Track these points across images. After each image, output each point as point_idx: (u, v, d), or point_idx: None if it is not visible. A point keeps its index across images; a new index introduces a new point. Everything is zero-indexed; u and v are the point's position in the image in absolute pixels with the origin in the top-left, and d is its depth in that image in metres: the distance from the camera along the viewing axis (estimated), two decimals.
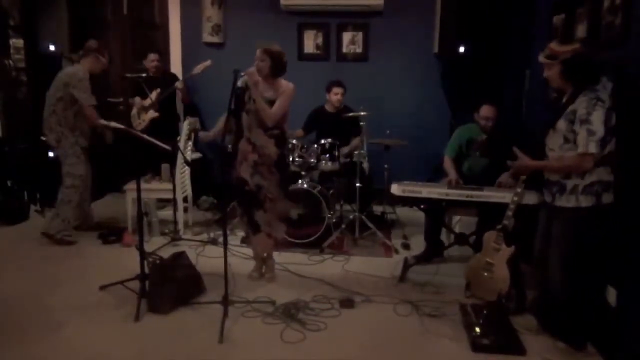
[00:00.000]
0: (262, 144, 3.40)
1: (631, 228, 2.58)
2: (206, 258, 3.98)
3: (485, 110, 3.87)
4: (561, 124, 2.60)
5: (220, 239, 3.51)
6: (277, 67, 3.35)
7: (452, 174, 3.91)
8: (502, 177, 3.61)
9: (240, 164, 3.47)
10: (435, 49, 5.15)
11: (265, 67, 3.31)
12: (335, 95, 4.78)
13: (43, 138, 4.29)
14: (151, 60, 5.10)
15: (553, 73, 2.64)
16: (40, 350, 2.72)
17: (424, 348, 2.81)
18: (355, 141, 4.71)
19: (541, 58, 2.67)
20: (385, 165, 4.60)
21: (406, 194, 3.44)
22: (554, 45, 2.63)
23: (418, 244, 4.20)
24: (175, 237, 4.39)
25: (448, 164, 4.01)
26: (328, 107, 4.90)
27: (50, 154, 4.69)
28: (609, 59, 2.83)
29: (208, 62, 4.55)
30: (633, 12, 2.68)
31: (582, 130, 2.49)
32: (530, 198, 3.11)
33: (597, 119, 2.46)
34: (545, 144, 2.76)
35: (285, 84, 3.41)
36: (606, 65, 2.69)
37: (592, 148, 2.47)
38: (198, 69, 4.59)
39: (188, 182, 4.83)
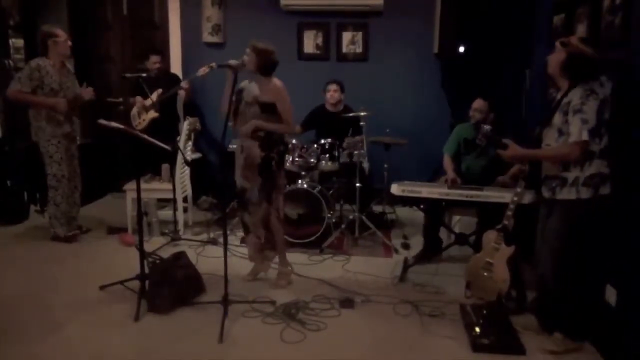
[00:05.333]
0: (248, 146, 3.39)
1: (631, 227, 2.58)
2: (206, 258, 3.98)
3: (475, 103, 3.90)
4: (557, 118, 2.63)
5: (220, 239, 3.51)
6: (264, 65, 3.32)
7: (449, 172, 3.91)
8: (501, 177, 3.62)
9: (234, 165, 3.51)
10: (435, 49, 5.14)
11: (251, 62, 3.29)
12: (329, 92, 4.79)
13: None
14: (153, 62, 5.09)
15: (555, 58, 2.66)
16: (40, 350, 2.72)
17: (424, 348, 2.81)
18: (356, 138, 4.70)
19: (557, 42, 2.69)
20: (385, 165, 4.60)
21: (406, 194, 3.44)
22: (574, 38, 2.64)
23: (418, 244, 4.20)
24: (175, 237, 4.39)
25: (447, 162, 4.02)
26: (328, 107, 4.90)
27: None
28: (610, 58, 2.83)
29: (213, 64, 4.54)
30: (633, 12, 2.68)
31: (575, 119, 2.52)
32: (531, 198, 3.12)
33: (591, 108, 2.49)
34: (542, 140, 2.76)
35: (276, 85, 3.38)
36: (607, 65, 2.69)
37: (585, 136, 2.49)
38: (202, 70, 4.57)
39: (188, 182, 4.83)
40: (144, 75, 4.28)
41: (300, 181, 4.36)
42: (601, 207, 2.63)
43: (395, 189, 3.46)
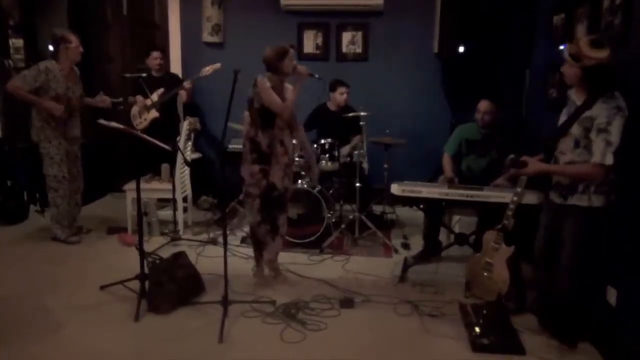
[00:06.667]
0: (289, 145, 3.46)
1: (631, 228, 2.58)
2: (206, 258, 3.98)
3: (482, 105, 3.86)
4: (575, 129, 2.55)
5: (220, 239, 3.51)
6: None
7: (447, 171, 3.91)
8: (498, 180, 3.62)
9: (271, 168, 3.41)
10: (435, 49, 5.15)
11: None
12: (341, 95, 4.79)
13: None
14: (154, 58, 5.08)
15: (571, 73, 2.56)
16: (40, 350, 2.72)
17: (424, 348, 2.81)
18: (356, 138, 4.71)
19: (565, 52, 2.56)
20: (385, 165, 4.60)
21: (406, 194, 3.44)
22: (583, 45, 2.48)
23: (418, 244, 4.20)
24: (175, 237, 4.39)
25: (446, 161, 4.01)
26: (330, 106, 4.90)
27: None
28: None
29: (218, 65, 4.54)
30: (633, 12, 2.68)
31: (599, 140, 2.44)
32: (530, 198, 3.12)
33: (616, 129, 2.41)
34: (555, 147, 2.70)
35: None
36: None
37: (609, 160, 2.42)
38: (207, 70, 4.58)
39: (188, 182, 4.83)
40: (144, 75, 4.28)
41: (300, 181, 4.36)
42: (612, 215, 2.60)
43: (395, 189, 3.46)
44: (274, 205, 3.46)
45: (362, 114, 4.41)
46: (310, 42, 5.54)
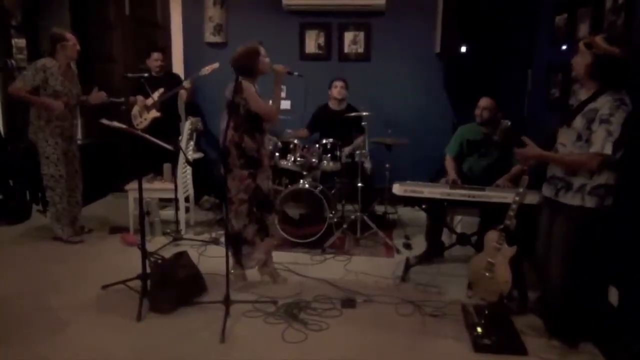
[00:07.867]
0: (268, 148, 3.48)
1: (632, 228, 2.57)
2: (208, 258, 3.98)
3: (482, 101, 3.86)
4: (578, 122, 2.55)
5: (222, 239, 3.51)
6: None
7: (451, 173, 3.90)
8: (500, 180, 3.61)
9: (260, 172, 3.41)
10: (437, 49, 5.15)
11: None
12: (336, 88, 4.80)
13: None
14: (155, 59, 5.09)
15: (581, 61, 2.54)
16: (41, 350, 2.73)
17: (426, 348, 2.81)
18: (358, 140, 4.71)
19: (581, 43, 2.56)
20: (387, 165, 4.60)
21: (408, 194, 3.43)
22: (598, 39, 2.50)
23: (420, 244, 4.19)
24: (177, 237, 4.39)
25: (449, 163, 4.01)
26: (332, 105, 4.91)
27: None
28: None
29: (216, 65, 4.55)
30: (636, 12, 2.67)
31: (600, 130, 2.44)
32: (532, 198, 3.11)
33: (618, 120, 2.40)
34: (556, 139, 2.70)
35: None
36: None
37: (608, 149, 2.42)
38: (206, 70, 4.59)
39: (190, 181, 4.84)
40: (146, 75, 4.28)
41: (302, 181, 4.36)
42: (605, 218, 2.59)
43: (397, 189, 3.45)
44: (261, 207, 3.44)
45: (364, 114, 4.42)
46: (312, 42, 5.54)
